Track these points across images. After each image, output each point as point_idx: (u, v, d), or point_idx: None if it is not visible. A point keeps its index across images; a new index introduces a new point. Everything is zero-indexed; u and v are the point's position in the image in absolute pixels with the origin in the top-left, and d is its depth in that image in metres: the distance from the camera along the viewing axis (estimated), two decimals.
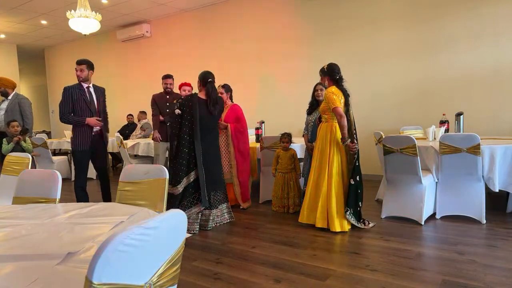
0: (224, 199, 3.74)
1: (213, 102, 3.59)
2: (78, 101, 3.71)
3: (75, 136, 3.77)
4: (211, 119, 3.62)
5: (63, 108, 3.70)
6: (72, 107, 3.71)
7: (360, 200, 3.36)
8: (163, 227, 1.00)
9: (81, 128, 3.74)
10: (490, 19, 4.77)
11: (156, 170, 2.09)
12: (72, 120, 3.71)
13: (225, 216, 3.72)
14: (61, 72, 10.82)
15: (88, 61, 3.79)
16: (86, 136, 3.75)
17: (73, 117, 3.71)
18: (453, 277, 2.35)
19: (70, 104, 3.70)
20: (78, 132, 3.75)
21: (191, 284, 2.41)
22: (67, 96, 3.69)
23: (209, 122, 3.61)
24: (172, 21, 8.06)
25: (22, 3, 6.87)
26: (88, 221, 1.61)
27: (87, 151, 3.78)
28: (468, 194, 3.48)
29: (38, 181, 2.16)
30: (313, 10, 6.16)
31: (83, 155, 3.77)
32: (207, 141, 3.59)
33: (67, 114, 3.70)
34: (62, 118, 3.72)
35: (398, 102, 5.49)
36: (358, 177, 3.32)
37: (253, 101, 6.82)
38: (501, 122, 4.75)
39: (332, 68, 3.39)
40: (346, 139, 3.25)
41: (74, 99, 3.70)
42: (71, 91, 3.71)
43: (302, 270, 2.56)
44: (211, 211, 3.56)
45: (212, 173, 3.59)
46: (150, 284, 0.98)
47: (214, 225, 3.60)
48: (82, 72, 3.73)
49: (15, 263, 1.18)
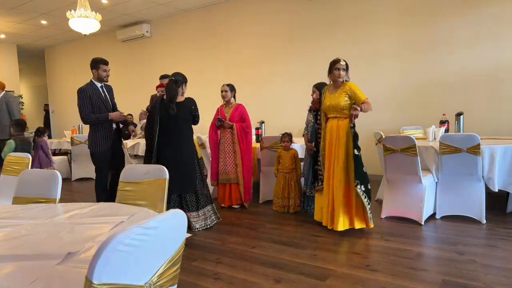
0: (207, 202, 3.65)
1: (168, 100, 3.46)
2: (95, 101, 3.68)
3: (95, 137, 3.70)
4: (170, 121, 3.46)
5: (84, 109, 3.63)
6: (91, 107, 3.66)
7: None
8: (163, 227, 1.00)
9: (101, 128, 3.69)
10: (490, 19, 4.77)
11: (156, 170, 2.09)
12: (95, 119, 3.65)
13: (212, 218, 3.66)
14: (61, 72, 10.81)
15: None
16: (107, 136, 3.71)
17: (96, 116, 3.66)
18: (453, 277, 2.35)
19: (89, 104, 3.64)
20: (98, 133, 3.69)
21: (191, 284, 2.41)
22: (85, 97, 3.64)
23: (168, 123, 3.47)
24: (172, 21, 8.05)
25: (22, 3, 6.87)
26: (88, 221, 1.61)
27: (108, 151, 3.74)
28: (468, 194, 3.48)
29: (38, 181, 2.16)
30: (313, 11, 6.16)
31: (104, 156, 3.73)
32: (171, 143, 3.48)
33: (89, 114, 3.64)
34: (85, 119, 3.64)
35: (398, 102, 5.49)
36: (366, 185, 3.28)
37: (253, 101, 6.81)
38: (501, 122, 4.75)
39: (347, 65, 3.34)
40: (360, 110, 3.09)
41: (91, 98, 3.66)
42: (87, 91, 3.66)
43: (302, 270, 2.56)
44: (191, 213, 3.51)
45: (180, 176, 3.41)
46: (150, 284, 0.98)
47: (203, 228, 3.54)
48: (109, 72, 3.78)
49: (15, 263, 1.18)
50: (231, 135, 4.21)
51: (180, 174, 3.41)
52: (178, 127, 3.51)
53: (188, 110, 3.54)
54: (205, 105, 6.23)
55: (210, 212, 3.66)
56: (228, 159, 4.23)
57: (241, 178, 4.18)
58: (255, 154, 4.55)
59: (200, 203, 3.57)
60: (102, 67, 3.75)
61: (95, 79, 3.78)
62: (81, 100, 3.63)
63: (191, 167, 3.55)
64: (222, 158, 4.27)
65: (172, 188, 3.34)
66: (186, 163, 3.52)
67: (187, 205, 3.52)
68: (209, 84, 7.26)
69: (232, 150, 4.21)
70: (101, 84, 3.80)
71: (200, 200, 3.57)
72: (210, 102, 6.45)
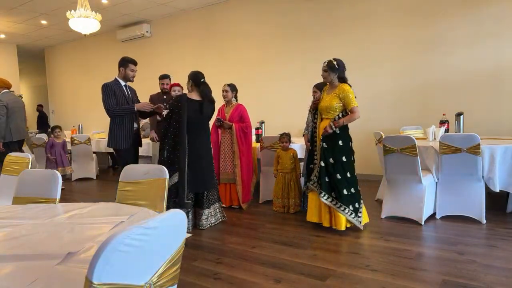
0: (217, 199, 3.72)
1: (208, 101, 3.58)
2: (119, 96, 3.64)
3: (116, 134, 3.65)
4: (201, 120, 3.57)
5: (109, 102, 3.58)
6: (115, 102, 3.62)
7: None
8: (163, 227, 1.00)
9: (122, 126, 3.65)
10: (490, 19, 4.77)
11: (156, 170, 2.09)
12: (120, 111, 3.60)
13: (218, 216, 3.72)
14: (61, 72, 10.81)
15: None
16: (128, 133, 3.67)
17: (121, 108, 3.61)
18: (453, 277, 2.35)
19: (114, 98, 3.61)
20: (119, 131, 3.64)
21: (191, 284, 2.41)
22: (109, 91, 3.60)
23: (199, 122, 3.56)
24: (172, 21, 8.06)
25: (22, 3, 6.87)
26: (88, 221, 1.61)
27: (131, 148, 3.72)
28: (468, 194, 3.48)
29: (38, 181, 2.16)
30: (313, 11, 6.16)
31: (127, 153, 3.69)
32: (198, 141, 3.53)
33: (114, 107, 3.59)
34: (110, 111, 3.59)
35: (398, 102, 5.49)
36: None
37: (253, 101, 6.81)
38: (501, 122, 4.75)
39: (343, 64, 3.31)
40: (334, 128, 3.23)
41: (115, 93, 3.62)
42: (111, 86, 3.63)
43: (302, 270, 2.56)
44: (203, 210, 3.55)
45: (203, 173, 3.55)
46: (150, 284, 0.98)
47: (210, 225, 3.60)
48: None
49: (15, 263, 1.18)
50: (231, 135, 4.21)
51: (204, 171, 3.56)
52: (205, 126, 3.64)
53: (211, 108, 3.65)
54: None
55: (217, 210, 3.72)
56: (227, 159, 4.24)
57: (239, 179, 4.18)
58: (255, 154, 4.55)
59: (211, 200, 3.65)
60: (131, 66, 3.72)
61: (121, 77, 3.73)
62: (105, 94, 3.60)
63: (212, 164, 3.70)
64: (222, 158, 4.28)
65: (199, 185, 3.49)
66: (210, 161, 3.67)
67: (202, 202, 3.57)
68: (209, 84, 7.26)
69: (231, 150, 4.22)
70: (125, 83, 3.77)
71: (210, 197, 3.65)
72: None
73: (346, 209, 3.25)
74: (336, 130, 3.26)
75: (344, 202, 3.24)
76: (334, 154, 3.28)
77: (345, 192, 3.25)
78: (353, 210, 3.26)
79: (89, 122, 9.54)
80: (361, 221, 3.30)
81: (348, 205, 3.25)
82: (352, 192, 3.28)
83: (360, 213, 3.30)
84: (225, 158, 4.25)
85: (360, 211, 3.30)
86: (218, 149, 4.32)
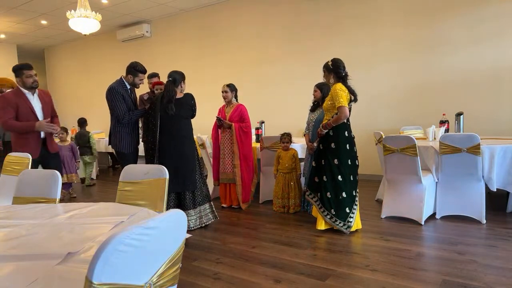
0: (205, 200, 3.64)
1: (166, 100, 3.41)
2: (127, 100, 3.48)
3: (122, 137, 3.51)
4: (171, 120, 3.44)
5: (121, 108, 3.40)
6: (125, 106, 3.45)
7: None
8: (163, 227, 1.00)
9: (130, 129, 3.54)
10: (490, 19, 4.77)
11: (156, 170, 2.09)
12: (134, 116, 3.47)
13: (209, 216, 3.65)
14: (61, 72, 10.81)
15: None
16: (135, 137, 3.61)
17: (134, 113, 3.48)
18: (453, 277, 2.35)
19: (123, 103, 3.43)
20: (126, 134, 3.52)
21: (191, 284, 2.41)
22: (118, 97, 3.41)
23: (169, 123, 3.44)
24: (172, 21, 8.05)
25: (22, 3, 6.87)
26: (88, 221, 1.61)
27: (135, 152, 3.65)
28: (468, 194, 3.48)
29: (38, 181, 2.16)
30: (313, 11, 6.16)
31: (132, 156, 3.62)
32: (172, 142, 3.45)
33: (127, 113, 3.43)
34: (124, 119, 3.41)
35: (398, 102, 5.49)
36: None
37: (253, 101, 6.81)
38: (501, 122, 4.75)
39: (337, 64, 3.25)
40: (323, 131, 3.26)
41: (123, 97, 3.45)
42: (118, 90, 3.43)
43: (302, 270, 2.56)
44: (188, 211, 3.50)
45: (178, 174, 3.42)
46: (150, 284, 0.98)
47: (200, 226, 3.55)
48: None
49: (15, 263, 1.18)
50: (230, 136, 4.21)
51: (181, 172, 3.44)
52: (179, 126, 3.49)
53: (188, 106, 3.56)
54: (205, 105, 6.24)
55: (207, 211, 3.65)
56: (227, 159, 4.24)
57: (239, 179, 4.18)
58: (255, 154, 4.55)
59: (197, 201, 3.57)
60: (140, 76, 3.56)
61: (127, 81, 3.57)
62: (115, 100, 3.40)
63: (192, 165, 3.55)
64: (222, 158, 4.28)
65: (173, 186, 3.37)
66: (187, 161, 3.52)
67: (185, 203, 3.51)
68: (209, 84, 7.27)
69: (230, 150, 4.22)
70: (130, 87, 3.60)
71: (196, 197, 3.57)
72: (210, 102, 6.47)
73: (326, 212, 3.27)
74: (330, 132, 3.26)
75: (326, 205, 3.27)
76: (326, 156, 3.28)
77: (328, 196, 3.25)
78: (336, 215, 3.23)
79: (88, 122, 9.54)
80: (350, 226, 3.22)
81: (329, 209, 3.25)
82: (343, 196, 3.22)
83: (351, 218, 3.24)
84: (225, 158, 4.25)
85: (351, 216, 3.25)
86: (218, 149, 4.32)
